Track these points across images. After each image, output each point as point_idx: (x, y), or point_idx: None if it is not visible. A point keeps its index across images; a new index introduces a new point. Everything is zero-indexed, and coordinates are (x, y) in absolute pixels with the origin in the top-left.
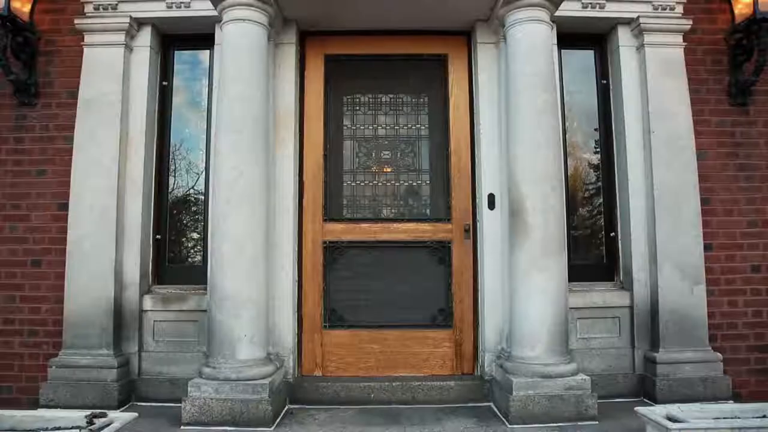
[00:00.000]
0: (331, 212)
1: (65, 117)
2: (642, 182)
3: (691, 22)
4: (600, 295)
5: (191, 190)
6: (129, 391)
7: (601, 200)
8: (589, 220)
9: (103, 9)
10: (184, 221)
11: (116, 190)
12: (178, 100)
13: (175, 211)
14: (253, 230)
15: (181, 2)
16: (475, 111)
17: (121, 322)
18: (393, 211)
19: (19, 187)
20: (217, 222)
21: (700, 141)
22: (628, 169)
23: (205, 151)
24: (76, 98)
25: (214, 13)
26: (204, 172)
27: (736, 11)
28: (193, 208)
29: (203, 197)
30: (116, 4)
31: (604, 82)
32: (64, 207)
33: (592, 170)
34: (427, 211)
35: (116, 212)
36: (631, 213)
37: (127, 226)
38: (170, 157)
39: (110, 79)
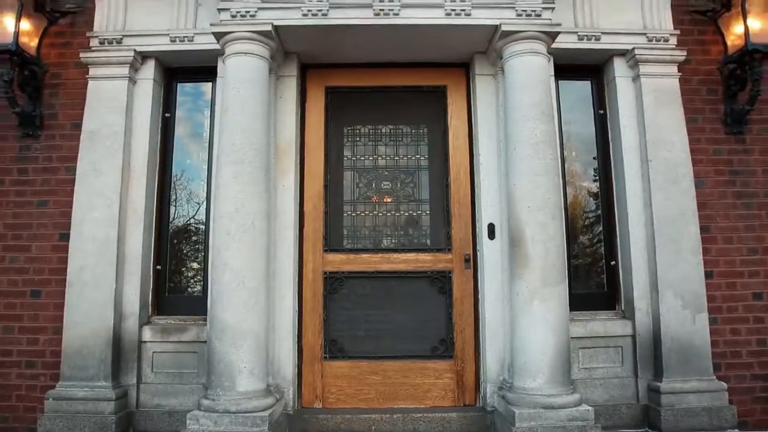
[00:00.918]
0: (332, 242)
1: (68, 148)
2: (641, 210)
3: (685, 53)
4: (602, 324)
5: (192, 220)
6: (127, 423)
7: (601, 228)
8: (589, 248)
9: (108, 43)
10: (185, 251)
11: (117, 221)
12: (180, 131)
13: (175, 241)
14: (254, 261)
15: (184, 36)
16: (474, 141)
17: (120, 354)
18: (393, 241)
19: (21, 217)
20: (218, 253)
21: (697, 169)
22: (627, 198)
23: (206, 181)
24: (80, 130)
25: (217, 46)
26: (205, 202)
27: (729, 43)
28: (194, 238)
29: (204, 227)
30: (121, 39)
31: (602, 112)
32: (65, 237)
33: (591, 198)
34: (427, 240)
35: (117, 242)
36: (631, 241)
37: (127, 257)
38: (171, 187)
39: (113, 111)
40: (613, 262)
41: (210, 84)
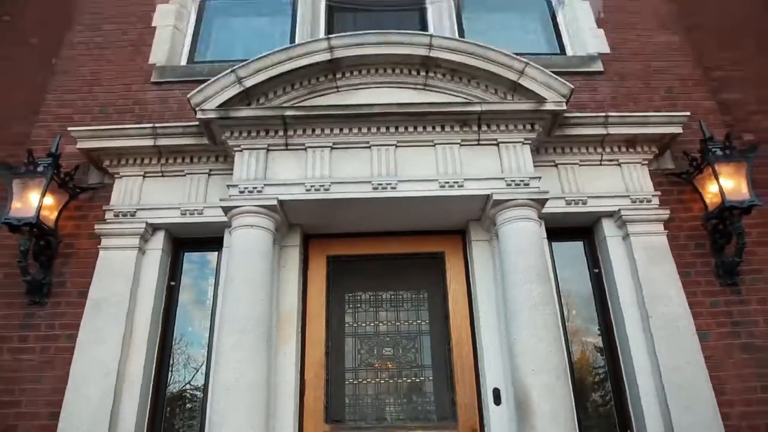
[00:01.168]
0: (333, 413)
1: (72, 315)
2: (648, 367)
3: (668, 212)
4: None
5: (188, 386)
6: None
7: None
8: (602, 407)
9: (123, 216)
10: (179, 418)
11: (113, 392)
12: (184, 297)
13: (169, 409)
14: None
15: (194, 210)
16: (473, 304)
17: None
18: (397, 409)
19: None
20: (214, 426)
21: (698, 322)
22: (632, 354)
23: (206, 347)
24: (85, 298)
25: (225, 219)
26: (204, 366)
27: (707, 201)
28: (188, 405)
29: (200, 393)
30: (135, 212)
31: (596, 270)
32: (55, 416)
33: (598, 353)
34: (432, 408)
35: (110, 417)
36: (642, 399)
37: None
38: (171, 352)
39: (121, 279)
40: (627, 429)
41: (216, 253)
